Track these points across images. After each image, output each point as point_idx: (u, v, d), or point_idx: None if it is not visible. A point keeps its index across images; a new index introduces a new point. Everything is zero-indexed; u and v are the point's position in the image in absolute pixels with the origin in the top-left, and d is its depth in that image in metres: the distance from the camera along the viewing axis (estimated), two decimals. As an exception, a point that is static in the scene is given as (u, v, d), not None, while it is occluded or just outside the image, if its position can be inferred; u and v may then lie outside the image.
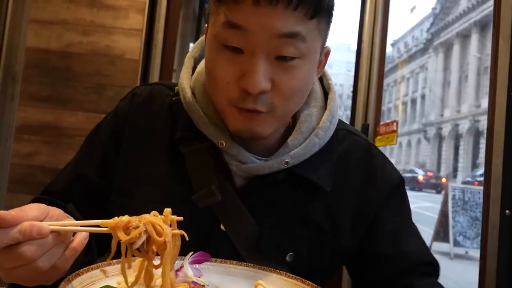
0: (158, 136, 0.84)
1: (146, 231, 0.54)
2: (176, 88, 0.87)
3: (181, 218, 0.57)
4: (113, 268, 0.65)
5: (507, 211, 1.20)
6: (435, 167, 34.59)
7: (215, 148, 0.79)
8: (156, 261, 0.58)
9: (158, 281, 0.65)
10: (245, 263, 0.72)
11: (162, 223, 0.56)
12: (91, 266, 0.62)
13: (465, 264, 6.23)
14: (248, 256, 0.78)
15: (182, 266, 0.68)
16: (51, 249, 0.54)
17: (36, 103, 2.27)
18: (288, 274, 0.68)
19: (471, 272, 5.81)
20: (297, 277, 0.67)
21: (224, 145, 0.77)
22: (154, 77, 2.48)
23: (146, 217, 0.55)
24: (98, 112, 2.32)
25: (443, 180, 21.66)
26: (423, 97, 39.38)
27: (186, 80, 0.83)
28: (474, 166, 31.76)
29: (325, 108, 0.84)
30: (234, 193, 0.78)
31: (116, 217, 0.55)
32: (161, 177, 0.81)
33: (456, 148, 34.92)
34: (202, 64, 0.85)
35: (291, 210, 0.81)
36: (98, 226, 0.56)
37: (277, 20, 0.66)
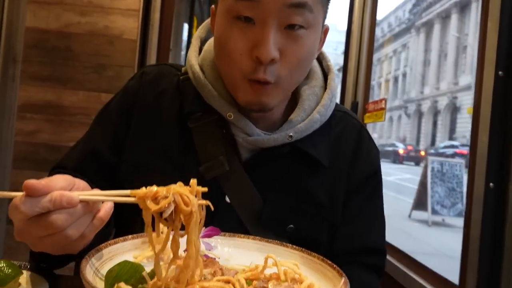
0: (166, 112, 0.84)
1: (174, 201, 0.53)
2: (183, 68, 0.88)
3: (205, 189, 0.56)
4: (130, 243, 0.65)
5: (491, 184, 1.22)
6: (415, 141, 34.95)
7: (223, 122, 0.80)
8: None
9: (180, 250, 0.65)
10: (253, 237, 0.72)
11: (189, 193, 0.54)
12: (109, 242, 0.61)
13: (441, 231, 6.39)
14: (252, 227, 0.79)
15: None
16: (80, 218, 0.53)
17: (37, 83, 2.23)
18: (294, 246, 0.68)
19: (447, 238, 5.98)
20: (303, 249, 0.68)
21: (233, 117, 0.78)
22: (152, 57, 2.44)
23: (174, 187, 0.54)
24: (99, 91, 2.28)
25: (422, 153, 21.93)
26: (404, 75, 39.42)
27: (194, 58, 0.84)
28: (451, 140, 32.17)
29: (325, 88, 0.86)
30: (240, 165, 0.79)
31: (144, 188, 0.53)
32: (169, 151, 0.81)
33: (435, 123, 35.28)
34: (209, 43, 0.86)
35: (292, 184, 0.82)
36: (125, 196, 0.55)
37: None
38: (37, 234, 0.52)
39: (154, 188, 0.53)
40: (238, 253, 0.69)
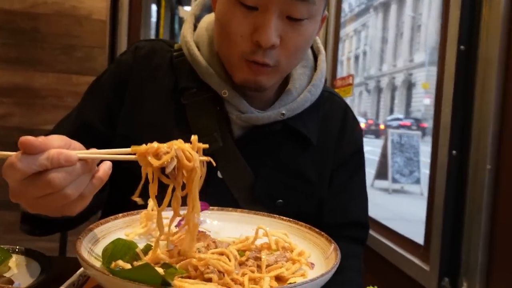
0: (160, 87, 0.81)
1: (176, 157, 0.50)
2: (175, 45, 0.85)
3: (206, 146, 0.54)
4: (121, 221, 0.63)
5: (453, 151, 1.26)
6: (375, 115, 35.85)
7: (216, 99, 0.79)
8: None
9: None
10: (240, 210, 0.71)
11: (190, 149, 0.52)
12: (100, 221, 0.59)
13: (401, 197, 6.66)
14: (243, 201, 0.78)
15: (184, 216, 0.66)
16: (79, 177, 0.49)
17: (4, 66, 2.09)
18: (281, 217, 0.68)
19: (405, 203, 6.24)
20: (290, 219, 0.68)
21: (227, 94, 0.77)
22: (122, 37, 2.34)
23: (175, 143, 0.51)
24: (69, 73, 2.17)
25: (382, 126, 22.54)
26: (365, 53, 39.97)
27: (190, 35, 0.82)
28: (407, 113, 33.19)
29: (315, 69, 0.86)
30: (232, 142, 0.78)
31: (144, 144, 0.51)
32: (162, 125, 0.80)
33: (393, 98, 36.21)
34: (204, 21, 0.84)
35: (283, 161, 0.82)
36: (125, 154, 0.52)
37: None
38: (34, 194, 0.48)
39: (155, 144, 0.50)
40: (227, 226, 0.68)
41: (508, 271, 1.15)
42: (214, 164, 0.55)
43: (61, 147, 0.49)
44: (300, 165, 0.83)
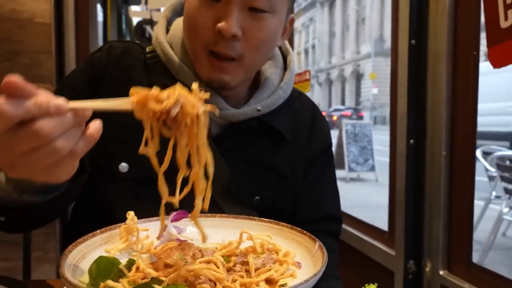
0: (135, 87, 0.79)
1: (178, 102, 0.45)
2: (148, 47, 0.85)
3: (207, 95, 0.50)
4: (99, 238, 0.60)
5: (411, 140, 1.33)
6: (327, 107, 36.86)
7: None
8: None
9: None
10: (219, 215, 0.71)
11: (192, 96, 0.48)
12: (78, 240, 0.57)
13: (358, 185, 6.91)
14: (221, 199, 0.79)
15: (166, 226, 0.65)
16: (69, 129, 0.43)
17: None
18: (262, 219, 0.69)
19: (362, 191, 6.50)
20: (271, 220, 0.68)
21: (203, 92, 0.76)
22: (69, 40, 2.22)
23: (177, 87, 0.47)
24: (14, 81, 2.04)
25: (334, 117, 23.26)
26: (313, 47, 40.87)
27: (163, 37, 0.83)
28: (357, 103, 34.44)
29: (285, 69, 0.89)
30: (210, 139, 0.77)
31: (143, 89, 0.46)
32: (137, 125, 0.77)
33: (343, 89, 37.39)
34: (177, 22, 0.86)
35: (258, 157, 0.83)
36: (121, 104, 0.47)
37: None
38: (19, 149, 0.42)
39: (156, 89, 0.46)
40: (208, 232, 0.67)
41: (466, 250, 1.24)
42: (217, 113, 0.55)
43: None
44: (274, 160, 0.85)
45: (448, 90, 1.21)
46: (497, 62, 0.91)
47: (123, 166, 0.76)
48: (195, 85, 0.50)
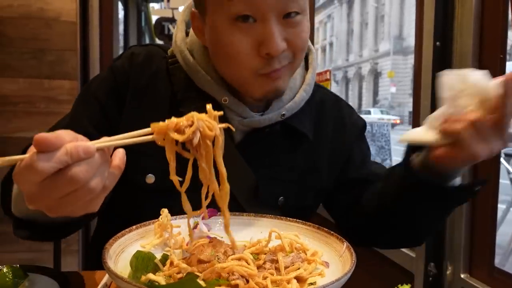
0: (158, 95, 0.81)
1: (197, 130, 0.50)
2: (169, 50, 0.85)
3: (221, 113, 0.54)
4: (135, 233, 0.64)
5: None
6: (344, 105, 36.46)
7: (215, 106, 0.79)
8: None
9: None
10: (247, 213, 0.73)
11: (209, 118, 0.52)
12: (117, 235, 0.60)
13: (375, 185, 6.86)
14: (246, 203, 0.80)
15: (197, 224, 0.68)
16: (99, 168, 0.47)
17: (-29, 72, 2.00)
18: (288, 218, 0.71)
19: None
20: (297, 220, 0.70)
21: (228, 101, 0.78)
22: (94, 38, 2.28)
23: (195, 114, 0.51)
24: (40, 78, 2.10)
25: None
26: (331, 44, 40.53)
27: (183, 43, 0.82)
28: (375, 102, 34.05)
29: (306, 67, 0.88)
30: (233, 147, 0.79)
31: (161, 122, 0.50)
32: None
33: (360, 87, 36.99)
34: None
35: (281, 159, 0.85)
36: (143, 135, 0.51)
37: None
38: (57, 195, 0.45)
39: (174, 119, 0.50)
40: (237, 230, 0.70)
41: (488, 253, 1.23)
42: (234, 130, 0.57)
43: (72, 141, 0.46)
44: (296, 159, 0.86)
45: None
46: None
47: (150, 177, 0.78)
48: (209, 106, 0.54)
